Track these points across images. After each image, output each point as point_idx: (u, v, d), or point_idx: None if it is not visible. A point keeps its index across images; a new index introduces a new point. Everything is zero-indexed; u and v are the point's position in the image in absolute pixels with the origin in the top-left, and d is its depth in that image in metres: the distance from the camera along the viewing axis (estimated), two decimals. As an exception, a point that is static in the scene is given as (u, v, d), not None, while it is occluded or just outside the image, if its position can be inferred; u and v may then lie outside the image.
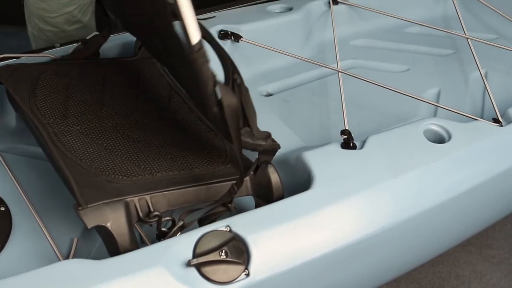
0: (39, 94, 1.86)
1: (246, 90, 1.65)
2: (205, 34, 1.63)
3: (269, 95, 2.31)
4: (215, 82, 1.53)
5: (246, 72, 2.29)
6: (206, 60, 1.50)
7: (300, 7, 2.54)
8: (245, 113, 1.62)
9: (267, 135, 1.66)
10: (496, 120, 2.01)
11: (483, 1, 2.67)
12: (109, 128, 1.77)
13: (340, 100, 2.03)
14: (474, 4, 2.74)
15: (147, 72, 2.05)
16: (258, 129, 1.65)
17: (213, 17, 2.33)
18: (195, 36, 1.46)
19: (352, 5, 2.63)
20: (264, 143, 1.64)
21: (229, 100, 1.54)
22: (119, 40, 2.25)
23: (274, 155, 1.69)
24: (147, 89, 1.98)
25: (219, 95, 1.53)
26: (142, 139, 1.75)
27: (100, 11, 2.26)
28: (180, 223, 1.57)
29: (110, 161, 1.65)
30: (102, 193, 1.53)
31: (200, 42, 1.46)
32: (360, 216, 1.73)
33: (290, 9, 2.55)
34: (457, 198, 1.88)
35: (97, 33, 2.25)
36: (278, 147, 1.68)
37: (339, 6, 2.62)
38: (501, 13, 2.60)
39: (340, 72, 2.17)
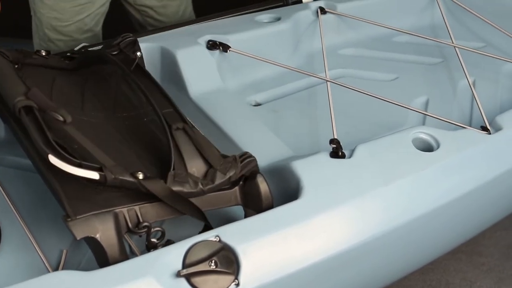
0: None
1: (194, 132, 1.70)
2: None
3: (257, 104, 2.31)
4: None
5: (234, 82, 2.34)
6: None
7: (288, 17, 2.54)
8: (203, 156, 1.64)
9: (233, 159, 1.66)
10: (484, 128, 2.01)
11: (470, 10, 2.68)
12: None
13: (329, 109, 2.03)
14: (461, 12, 2.74)
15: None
16: (221, 159, 1.66)
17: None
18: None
19: (340, 14, 2.63)
20: (233, 171, 1.64)
21: (158, 191, 1.57)
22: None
23: (256, 166, 1.69)
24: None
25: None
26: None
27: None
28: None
29: None
30: (91, 204, 1.53)
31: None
32: (350, 224, 1.73)
33: (279, 19, 2.54)
34: (447, 206, 1.88)
35: (85, 44, 2.26)
36: (254, 162, 1.68)
37: (327, 16, 2.62)
38: (488, 21, 2.61)
39: (328, 81, 2.18)
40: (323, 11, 2.61)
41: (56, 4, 2.62)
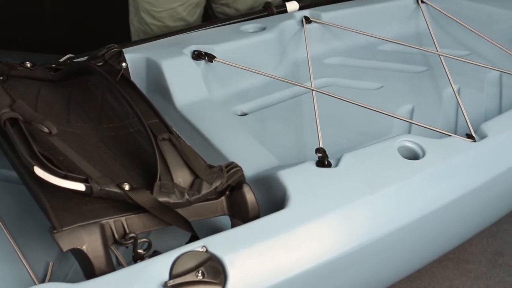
0: None
1: (180, 142, 1.70)
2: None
3: (243, 114, 2.31)
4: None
5: (220, 92, 2.34)
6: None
7: (273, 27, 2.55)
8: (190, 166, 1.64)
9: (219, 169, 1.66)
10: (469, 136, 2.02)
11: (455, 18, 2.69)
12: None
13: (315, 118, 2.03)
14: (446, 21, 2.76)
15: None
16: (207, 169, 1.66)
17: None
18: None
19: (325, 23, 2.64)
20: (219, 182, 1.64)
21: (144, 202, 1.57)
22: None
23: (242, 176, 1.69)
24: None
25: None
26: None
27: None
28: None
29: None
30: (77, 216, 1.52)
31: None
32: (336, 233, 1.73)
33: (264, 28, 2.55)
34: (433, 214, 1.88)
35: (71, 55, 2.25)
36: (240, 172, 1.68)
37: (312, 25, 2.63)
38: (472, 29, 2.62)
39: (314, 90, 2.18)
40: (308, 20, 2.62)
41: None
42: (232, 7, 2.89)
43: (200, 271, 1.50)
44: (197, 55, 2.31)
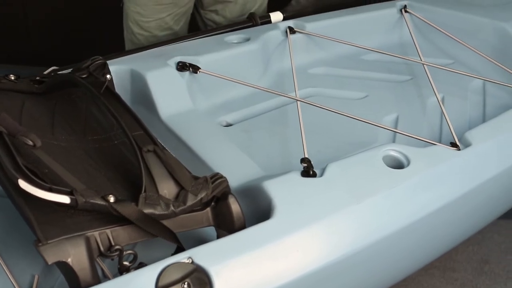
0: None
1: (165, 154, 1.70)
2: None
3: (228, 125, 2.31)
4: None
5: (205, 103, 2.34)
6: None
7: (257, 37, 2.55)
8: (175, 178, 1.64)
9: (205, 180, 1.66)
10: (454, 144, 2.03)
11: (438, 27, 2.70)
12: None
13: (300, 128, 2.04)
14: (429, 30, 2.77)
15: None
16: (192, 181, 1.66)
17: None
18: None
19: (309, 34, 2.65)
20: (205, 193, 1.64)
21: (129, 214, 1.57)
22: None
23: (228, 187, 1.69)
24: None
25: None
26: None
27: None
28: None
29: None
30: (62, 229, 1.52)
31: None
32: (322, 243, 1.73)
33: (248, 39, 2.55)
34: (419, 223, 1.89)
35: (55, 67, 2.25)
36: (225, 183, 1.68)
37: (296, 35, 2.63)
38: (456, 38, 2.64)
39: (298, 100, 2.18)
40: (292, 30, 2.63)
41: (139, 0, 2.75)
42: (220, 14, 2.90)
43: (186, 283, 1.50)
44: (182, 67, 2.31)
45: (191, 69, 2.31)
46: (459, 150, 2.01)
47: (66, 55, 2.63)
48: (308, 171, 1.83)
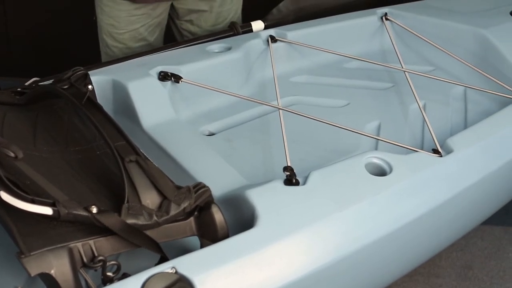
0: None
1: (148, 164, 1.69)
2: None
3: (211, 134, 2.31)
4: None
5: (187, 113, 2.34)
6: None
7: (239, 46, 2.55)
8: (157, 188, 1.64)
9: (187, 190, 1.66)
10: (435, 151, 2.03)
11: (419, 35, 2.71)
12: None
13: (282, 137, 2.04)
14: (410, 37, 2.78)
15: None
16: (175, 190, 1.66)
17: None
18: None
19: (290, 42, 2.65)
20: (187, 202, 1.64)
21: (112, 224, 1.57)
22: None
23: (210, 196, 1.69)
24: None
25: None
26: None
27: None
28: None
29: None
30: (45, 240, 1.51)
31: None
32: (306, 251, 1.73)
33: (229, 48, 2.55)
34: (402, 229, 1.89)
35: (37, 79, 2.24)
36: (208, 192, 1.68)
37: (278, 44, 2.64)
38: (436, 45, 2.65)
39: (280, 109, 2.19)
40: (273, 39, 2.63)
41: (112, 12, 2.75)
42: (196, 24, 2.89)
43: (170, 293, 1.50)
44: (164, 76, 2.30)
45: (173, 78, 2.31)
46: (441, 156, 2.02)
47: (47, 67, 2.62)
48: (291, 180, 1.83)
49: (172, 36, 2.99)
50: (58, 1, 3.75)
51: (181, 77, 2.31)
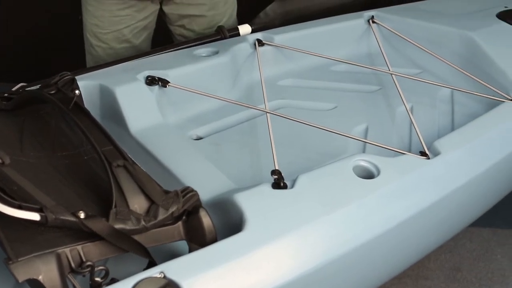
0: None
1: (135, 168, 1.69)
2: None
3: (199, 138, 2.31)
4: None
5: (175, 117, 2.34)
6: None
7: (226, 50, 2.55)
8: (145, 192, 1.64)
9: (175, 194, 1.66)
10: (423, 153, 2.04)
11: (405, 37, 2.72)
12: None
13: (270, 140, 2.04)
14: (397, 40, 2.79)
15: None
16: (163, 195, 1.66)
17: None
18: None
19: (277, 46, 2.65)
20: (175, 207, 1.64)
21: (100, 229, 1.56)
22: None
23: (198, 200, 1.69)
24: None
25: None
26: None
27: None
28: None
29: None
30: (32, 246, 1.51)
31: None
32: (294, 255, 1.73)
33: (217, 52, 2.55)
34: (390, 232, 1.90)
35: (24, 84, 2.24)
36: (196, 197, 1.68)
37: (265, 48, 2.64)
38: (423, 48, 2.65)
39: (268, 112, 2.19)
40: (260, 43, 2.63)
41: (96, 11, 2.76)
42: (188, 28, 2.90)
43: (158, 298, 1.50)
44: (151, 81, 2.30)
45: (160, 83, 2.30)
46: (429, 159, 2.03)
47: (34, 72, 2.61)
48: (278, 183, 1.83)
49: (160, 40, 2.99)
50: (46, 8, 3.75)
51: (168, 82, 2.31)
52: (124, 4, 2.72)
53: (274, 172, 1.86)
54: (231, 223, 1.75)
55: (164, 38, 2.97)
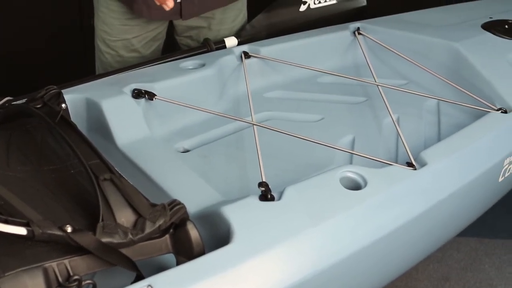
0: None
1: (122, 182, 1.69)
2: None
3: (186, 151, 2.31)
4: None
5: (162, 130, 2.33)
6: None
7: (213, 63, 2.55)
8: (132, 206, 1.64)
9: (162, 207, 1.66)
10: (410, 164, 2.04)
11: (391, 49, 2.73)
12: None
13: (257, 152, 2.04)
14: (383, 51, 2.80)
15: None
16: (150, 208, 1.65)
17: None
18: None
19: (264, 58, 2.66)
20: (163, 220, 1.63)
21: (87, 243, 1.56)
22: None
23: (186, 213, 1.69)
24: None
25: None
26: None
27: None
28: None
29: None
30: (19, 260, 1.50)
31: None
32: (282, 267, 1.73)
33: (203, 65, 2.55)
34: (378, 243, 1.90)
35: (9, 98, 2.23)
36: (183, 209, 1.67)
37: (251, 60, 2.64)
38: (409, 59, 2.67)
39: (255, 124, 2.19)
40: (247, 55, 2.63)
41: (107, 18, 2.77)
42: (195, 39, 2.90)
43: (146, 311, 1.50)
44: (137, 94, 2.30)
45: (146, 96, 2.30)
46: (415, 169, 2.03)
47: (19, 86, 2.61)
48: (266, 195, 1.83)
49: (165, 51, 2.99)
50: (27, 17, 3.75)
51: (155, 94, 2.31)
52: (133, 14, 2.72)
53: (261, 184, 1.86)
54: (218, 235, 1.75)
55: (164, 46, 2.98)
